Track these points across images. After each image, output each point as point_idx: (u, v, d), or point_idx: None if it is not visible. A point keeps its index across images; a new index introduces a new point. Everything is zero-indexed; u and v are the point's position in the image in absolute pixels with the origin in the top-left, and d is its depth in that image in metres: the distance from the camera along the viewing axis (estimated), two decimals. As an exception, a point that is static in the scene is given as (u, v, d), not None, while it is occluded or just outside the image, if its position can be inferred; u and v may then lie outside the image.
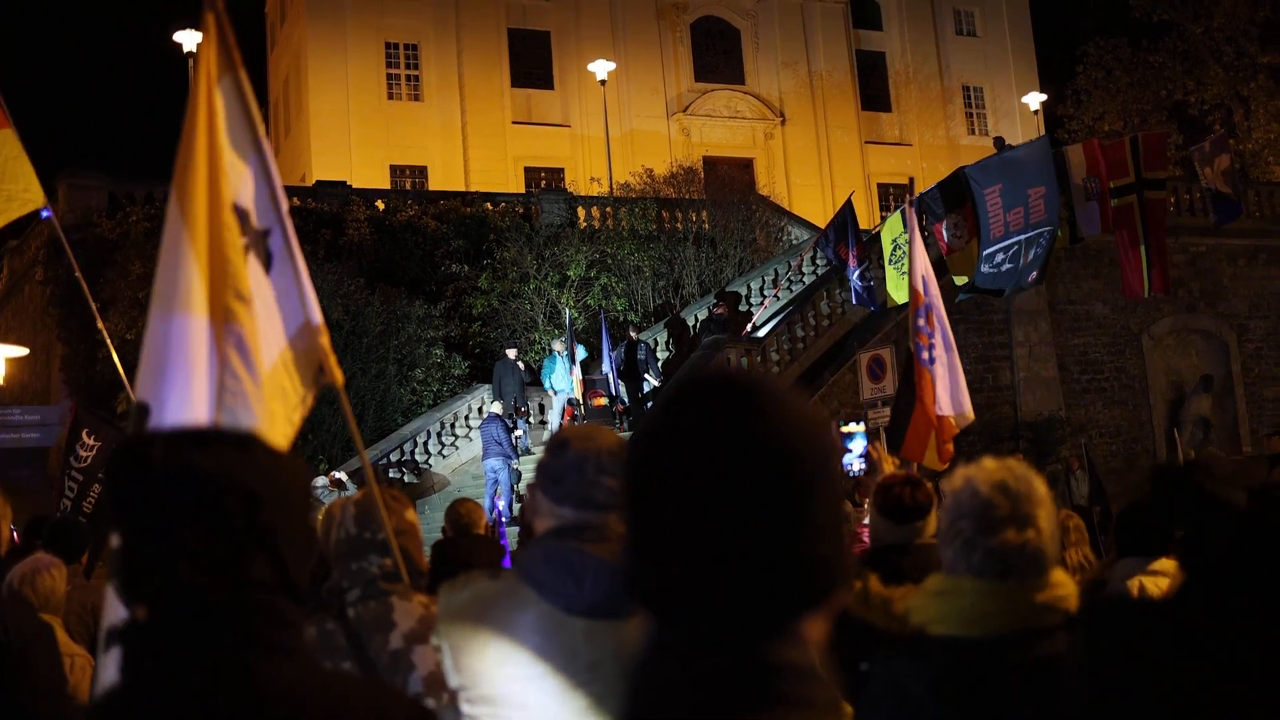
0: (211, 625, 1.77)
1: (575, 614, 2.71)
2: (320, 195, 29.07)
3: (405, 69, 45.72)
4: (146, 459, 1.84)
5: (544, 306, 27.64)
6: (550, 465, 2.93)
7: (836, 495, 1.54)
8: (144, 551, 1.82)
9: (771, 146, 49.59)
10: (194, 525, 1.79)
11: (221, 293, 3.36)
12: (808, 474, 1.48)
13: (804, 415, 1.53)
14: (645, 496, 1.53)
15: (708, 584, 1.45)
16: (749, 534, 1.45)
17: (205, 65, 3.71)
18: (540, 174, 45.51)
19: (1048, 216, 13.14)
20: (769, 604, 1.46)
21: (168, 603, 1.78)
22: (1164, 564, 5.49)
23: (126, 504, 1.85)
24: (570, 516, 2.85)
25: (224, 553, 1.79)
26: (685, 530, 1.47)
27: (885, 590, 4.65)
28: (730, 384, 1.54)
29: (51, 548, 7.41)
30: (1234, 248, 28.65)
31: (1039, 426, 25.18)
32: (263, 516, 1.83)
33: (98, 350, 23.77)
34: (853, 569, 1.95)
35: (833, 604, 1.53)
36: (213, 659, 1.76)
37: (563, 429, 3.14)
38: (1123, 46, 44.13)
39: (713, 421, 1.49)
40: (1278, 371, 28.90)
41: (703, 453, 1.48)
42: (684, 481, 1.48)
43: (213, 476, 1.82)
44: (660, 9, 48.88)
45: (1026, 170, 13.46)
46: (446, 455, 24.53)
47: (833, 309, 24.97)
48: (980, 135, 52.17)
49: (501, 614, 2.77)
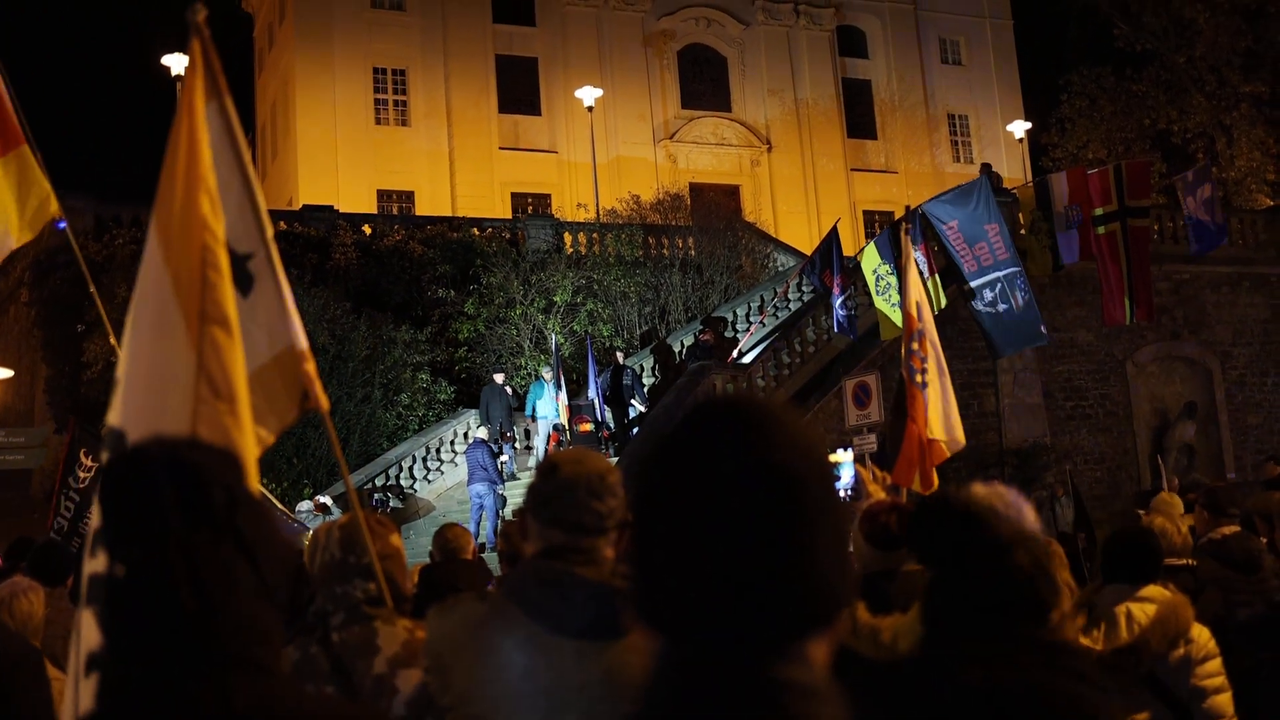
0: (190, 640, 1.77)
1: (564, 635, 2.72)
2: (307, 219, 29.07)
3: (393, 94, 45.80)
4: (141, 450, 1.88)
5: (530, 332, 27.64)
6: (540, 489, 2.94)
7: (840, 517, 1.55)
8: (131, 531, 1.84)
9: (758, 173, 49.75)
10: (180, 510, 1.81)
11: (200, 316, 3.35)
12: (812, 496, 1.50)
13: (807, 438, 1.55)
14: (652, 517, 1.55)
15: (714, 604, 1.47)
16: (755, 555, 1.46)
17: (191, 90, 3.72)
18: (527, 199, 45.57)
19: (1010, 256, 13.34)
20: (775, 624, 1.48)
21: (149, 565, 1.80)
22: (1151, 590, 5.49)
23: (118, 489, 1.89)
24: (560, 539, 2.86)
25: (206, 540, 1.81)
26: (691, 551, 1.48)
27: (873, 620, 4.64)
28: (736, 407, 1.56)
29: (34, 571, 7.36)
30: (1217, 275, 28.77)
31: (1024, 453, 25.21)
32: (241, 519, 1.86)
33: (82, 372, 23.72)
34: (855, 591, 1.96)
35: (837, 626, 1.54)
36: (192, 677, 1.76)
37: (553, 453, 3.13)
38: (1106, 75, 44.40)
39: (719, 444, 1.51)
40: (1261, 398, 28.99)
41: (709, 474, 1.50)
42: (690, 503, 1.50)
43: (200, 468, 1.86)
44: (647, 36, 49.07)
45: (977, 212, 13.66)
46: (432, 480, 24.48)
47: (818, 335, 25.01)
48: (965, 163, 52.42)
49: (491, 635, 2.78)
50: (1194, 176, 17.12)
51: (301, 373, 3.77)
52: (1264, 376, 29.10)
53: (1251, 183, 41.67)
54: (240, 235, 3.73)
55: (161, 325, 3.31)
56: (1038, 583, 2.23)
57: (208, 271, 3.42)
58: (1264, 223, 30.50)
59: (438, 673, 2.87)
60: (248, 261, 3.73)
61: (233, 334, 3.40)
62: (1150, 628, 5.33)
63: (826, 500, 1.52)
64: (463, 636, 2.83)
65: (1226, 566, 7.07)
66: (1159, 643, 5.33)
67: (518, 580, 2.85)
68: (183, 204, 3.47)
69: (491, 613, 2.83)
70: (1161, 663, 5.35)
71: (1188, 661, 5.36)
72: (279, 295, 3.75)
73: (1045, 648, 2.20)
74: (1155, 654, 5.33)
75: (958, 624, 2.26)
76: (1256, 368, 29.08)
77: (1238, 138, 41.71)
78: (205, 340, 3.31)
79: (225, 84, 3.80)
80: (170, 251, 3.40)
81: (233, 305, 3.45)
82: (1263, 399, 29.00)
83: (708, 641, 1.48)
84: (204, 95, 3.73)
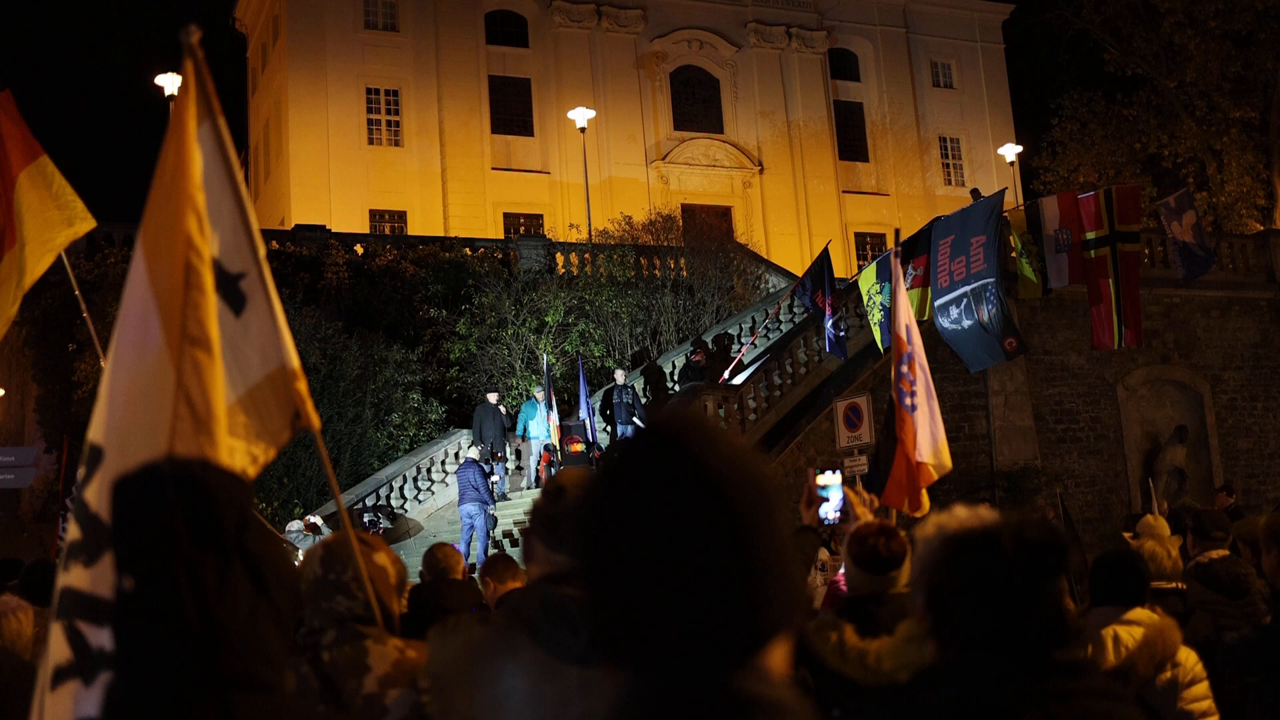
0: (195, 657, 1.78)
1: (570, 662, 2.68)
2: (299, 239, 29.07)
3: (386, 114, 45.86)
4: (154, 469, 1.88)
5: (522, 352, 27.64)
6: (546, 511, 2.92)
7: (779, 528, 1.56)
8: (140, 552, 1.84)
9: (749, 195, 49.85)
10: (189, 529, 1.82)
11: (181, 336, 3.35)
12: (743, 510, 1.52)
13: (741, 454, 1.57)
14: (598, 545, 1.56)
15: (662, 626, 1.49)
16: (694, 573, 1.48)
17: (183, 111, 3.73)
18: (519, 220, 45.63)
19: (987, 266, 13.30)
20: (727, 641, 1.49)
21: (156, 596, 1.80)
22: (1138, 613, 5.49)
23: (129, 506, 1.89)
24: (566, 563, 2.82)
25: (214, 560, 1.82)
26: (637, 576, 1.50)
27: (861, 643, 4.63)
28: (667, 429, 1.59)
29: (23, 591, 7.35)
30: (1207, 299, 28.85)
31: (1014, 476, 25.22)
32: (250, 540, 1.87)
33: (73, 392, 23.67)
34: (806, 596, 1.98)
35: (791, 631, 1.56)
36: (195, 693, 1.77)
37: (559, 475, 3.11)
38: (1097, 100, 44.64)
39: (651, 466, 1.54)
40: (1251, 423, 29.04)
41: (641, 498, 1.52)
42: (631, 527, 1.52)
43: (211, 489, 1.87)
44: (640, 58, 49.21)
45: (975, 220, 13.67)
46: (422, 500, 24.44)
47: (809, 357, 25.03)
48: (956, 185, 52.60)
49: (495, 659, 2.76)
50: (1176, 202, 17.18)
51: (294, 392, 3.77)
52: (1254, 401, 29.16)
53: (1241, 207, 41.85)
54: (233, 254, 3.73)
55: (143, 344, 3.31)
56: (1059, 604, 2.25)
57: (191, 292, 3.42)
58: (1254, 247, 30.60)
59: (438, 695, 2.84)
60: (240, 281, 3.74)
61: (214, 356, 3.39)
62: (1137, 651, 5.32)
63: (758, 511, 1.53)
64: (465, 659, 2.80)
65: (1213, 591, 7.07)
66: (1146, 666, 5.33)
67: (522, 604, 2.82)
68: (169, 223, 3.47)
69: (495, 637, 2.80)
70: (1149, 686, 5.35)
71: (1175, 685, 5.36)
72: (271, 315, 3.76)
73: (1056, 669, 2.22)
74: (1142, 678, 5.33)
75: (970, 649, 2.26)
76: (1246, 392, 29.14)
77: (1228, 162, 41.89)
78: (186, 360, 3.31)
79: (218, 105, 3.81)
80: (155, 270, 3.40)
81: (215, 327, 3.45)
82: (1253, 423, 29.05)
83: (664, 666, 1.49)
84: (197, 116, 3.74)
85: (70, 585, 2.74)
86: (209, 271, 3.49)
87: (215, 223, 3.66)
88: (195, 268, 3.44)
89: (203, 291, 3.44)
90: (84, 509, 2.91)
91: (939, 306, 13.61)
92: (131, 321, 3.38)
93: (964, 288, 13.33)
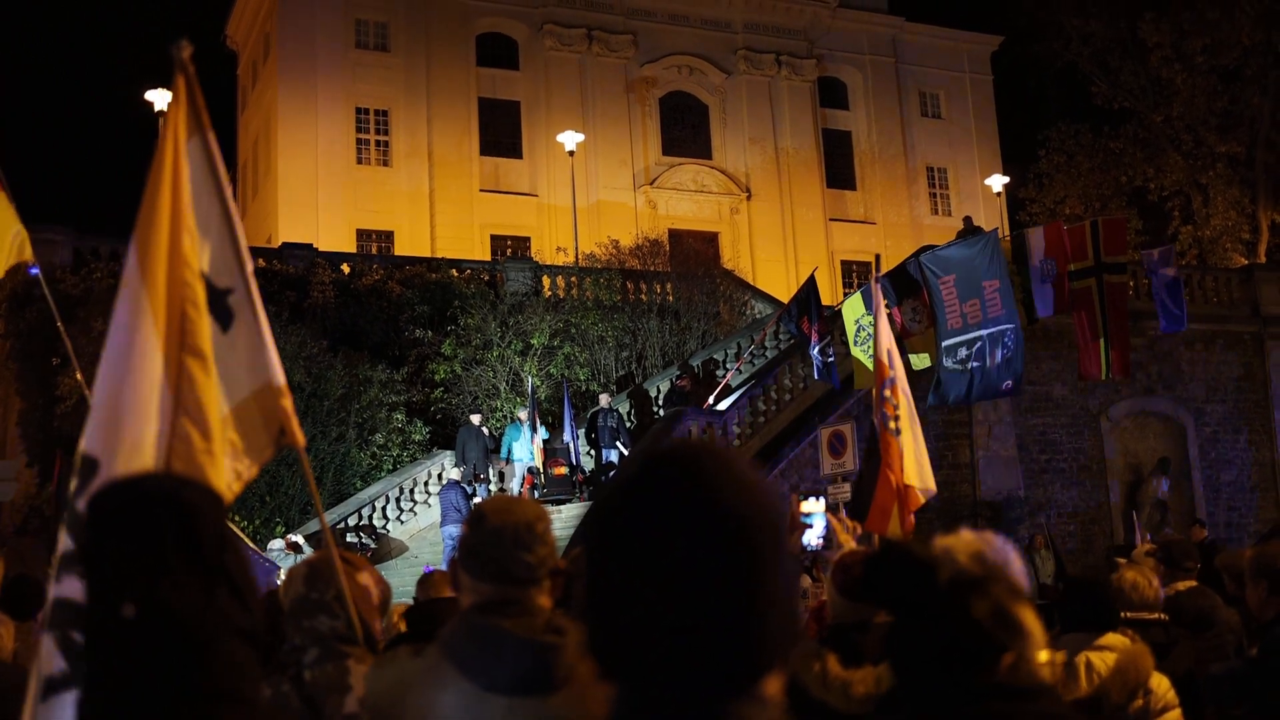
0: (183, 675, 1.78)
1: (496, 692, 2.68)
2: (286, 257, 29.00)
3: (375, 134, 45.89)
4: (137, 486, 1.88)
5: (507, 374, 27.60)
6: (468, 540, 2.93)
7: (788, 561, 1.58)
8: (125, 571, 1.84)
9: (737, 221, 49.94)
10: (176, 548, 1.83)
11: (177, 349, 3.35)
12: (760, 541, 1.53)
13: (756, 485, 1.57)
14: (605, 564, 1.56)
15: (668, 648, 1.48)
16: (707, 598, 1.48)
17: (173, 126, 3.73)
18: (506, 242, 45.64)
19: (1005, 313, 13.30)
20: (730, 666, 1.50)
21: (147, 616, 1.80)
22: (1111, 639, 5.47)
23: (113, 524, 1.89)
24: (490, 592, 2.84)
25: (200, 579, 1.83)
26: (644, 596, 1.50)
27: (844, 673, 4.61)
28: (684, 455, 1.59)
29: (4, 605, 7.29)
30: (1191, 333, 28.92)
31: (998, 505, 25.26)
32: (229, 559, 1.88)
33: (56, 406, 23.57)
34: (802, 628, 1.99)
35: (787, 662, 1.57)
36: (182, 711, 1.77)
37: (481, 502, 3.11)
38: (1084, 132, 44.89)
39: (668, 492, 1.54)
40: (1233, 455, 29.13)
41: (660, 521, 1.52)
42: (642, 549, 1.52)
43: (195, 509, 1.87)
44: (630, 83, 49.34)
45: (978, 264, 13.66)
46: (405, 521, 24.37)
47: (794, 384, 25.05)
48: (943, 215, 52.81)
49: (424, 692, 2.77)
50: (1159, 256, 17.32)
51: (279, 408, 3.77)
52: (1237, 434, 29.26)
53: (1226, 241, 42.07)
54: (221, 270, 3.73)
55: (139, 356, 3.30)
56: (987, 627, 2.21)
57: (187, 307, 3.42)
58: (1238, 281, 30.77)
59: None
60: (228, 296, 3.74)
61: (209, 371, 3.40)
62: (1110, 678, 5.30)
63: (773, 544, 1.54)
64: (399, 691, 2.83)
65: (1178, 625, 7.04)
66: (1119, 694, 5.30)
67: (451, 635, 2.82)
68: (164, 239, 3.47)
69: (426, 668, 2.81)
70: (1120, 713, 5.33)
71: (1147, 713, 5.34)
72: (259, 331, 3.76)
73: (998, 692, 2.20)
74: (1115, 705, 5.30)
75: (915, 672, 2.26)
76: (1229, 425, 29.25)
77: (1213, 197, 42.12)
78: (183, 375, 3.30)
79: (208, 120, 3.82)
80: (151, 285, 3.40)
81: (209, 342, 3.45)
82: (1235, 456, 29.14)
83: (663, 685, 1.49)
84: (187, 131, 3.74)
85: (64, 596, 2.73)
86: (202, 288, 3.49)
87: (203, 237, 3.66)
88: (190, 284, 3.45)
89: (198, 308, 3.44)
90: (77, 520, 2.90)
91: (946, 347, 13.60)
92: (124, 333, 3.37)
93: (979, 331, 13.33)
